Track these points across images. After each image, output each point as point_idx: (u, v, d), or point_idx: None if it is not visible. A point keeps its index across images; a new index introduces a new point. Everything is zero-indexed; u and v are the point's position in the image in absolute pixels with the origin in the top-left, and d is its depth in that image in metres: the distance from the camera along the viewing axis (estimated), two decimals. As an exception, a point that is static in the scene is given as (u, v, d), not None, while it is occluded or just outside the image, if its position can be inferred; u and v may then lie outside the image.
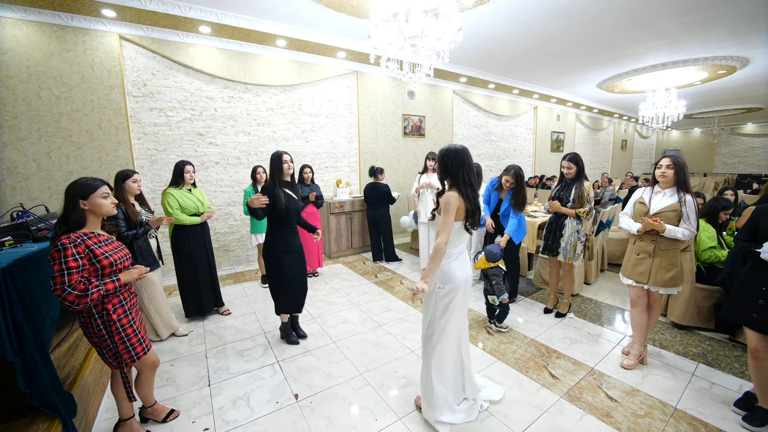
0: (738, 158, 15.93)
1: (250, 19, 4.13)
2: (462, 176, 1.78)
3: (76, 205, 1.56)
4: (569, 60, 6.22)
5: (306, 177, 4.38)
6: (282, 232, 2.63)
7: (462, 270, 1.84)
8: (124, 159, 4.01)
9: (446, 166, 1.83)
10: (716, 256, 2.90)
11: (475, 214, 1.80)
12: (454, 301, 1.83)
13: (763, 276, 1.87)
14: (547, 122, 9.96)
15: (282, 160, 2.56)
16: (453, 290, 1.82)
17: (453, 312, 1.85)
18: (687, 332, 2.97)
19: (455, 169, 1.80)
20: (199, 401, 2.18)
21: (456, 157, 1.80)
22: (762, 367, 1.89)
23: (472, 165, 1.82)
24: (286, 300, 2.75)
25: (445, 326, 1.86)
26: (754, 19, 4.45)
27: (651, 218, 2.27)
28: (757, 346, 1.90)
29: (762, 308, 1.85)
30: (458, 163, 1.79)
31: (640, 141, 15.59)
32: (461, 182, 1.79)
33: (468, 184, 1.78)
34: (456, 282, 1.81)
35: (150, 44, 4.04)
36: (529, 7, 4.04)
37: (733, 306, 2.02)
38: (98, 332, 1.62)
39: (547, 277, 3.93)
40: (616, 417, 2.00)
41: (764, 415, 1.91)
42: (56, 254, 1.47)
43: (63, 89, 3.66)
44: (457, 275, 1.82)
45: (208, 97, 4.52)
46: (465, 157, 1.80)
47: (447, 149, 1.83)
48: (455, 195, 1.76)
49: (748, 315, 1.91)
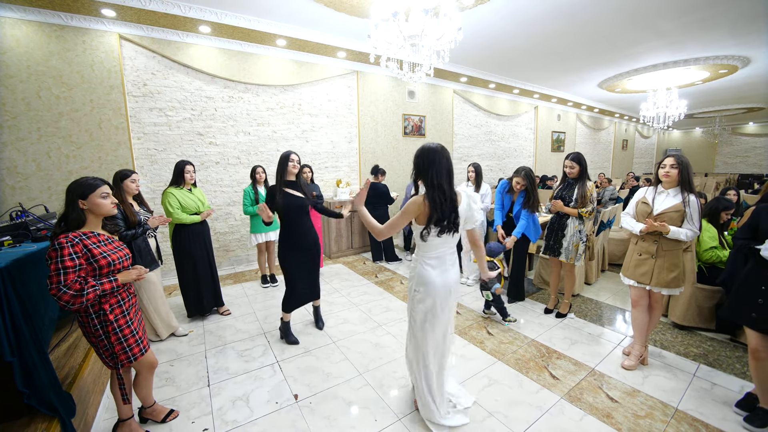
0: (739, 158, 15.89)
1: (250, 19, 4.12)
2: (430, 178, 1.64)
3: (75, 204, 1.55)
4: (570, 60, 6.21)
5: (305, 177, 4.36)
6: (288, 230, 2.68)
7: (440, 277, 1.74)
8: (124, 159, 4.01)
9: (418, 167, 1.70)
10: (717, 257, 2.89)
11: (441, 220, 1.63)
12: (435, 307, 1.75)
13: (764, 275, 1.85)
14: (547, 122, 9.94)
15: (289, 160, 2.64)
16: (429, 295, 1.74)
17: (432, 319, 1.76)
18: (688, 333, 2.96)
19: (425, 170, 1.66)
20: (198, 401, 2.17)
21: (427, 156, 1.66)
22: (762, 367, 1.88)
23: (444, 165, 1.65)
24: (289, 297, 2.78)
25: (424, 332, 1.79)
26: (755, 19, 4.43)
27: (655, 220, 2.25)
28: (757, 346, 1.89)
29: (762, 307, 1.84)
30: (429, 163, 1.65)
31: (641, 141, 15.57)
32: (428, 184, 1.65)
33: (436, 187, 1.63)
34: (431, 287, 1.73)
35: (150, 44, 4.04)
36: (529, 7, 4.04)
37: (733, 305, 2.01)
38: (95, 332, 1.62)
39: (547, 277, 3.92)
40: (617, 418, 1.99)
41: (765, 416, 1.89)
42: (53, 253, 1.47)
43: (63, 89, 3.65)
44: (434, 281, 1.73)
45: (207, 97, 4.52)
46: (436, 157, 1.64)
47: (421, 148, 1.70)
48: (419, 200, 1.66)
49: (748, 314, 1.90)
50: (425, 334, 1.80)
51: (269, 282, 4.20)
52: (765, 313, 1.83)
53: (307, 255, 2.75)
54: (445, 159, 1.66)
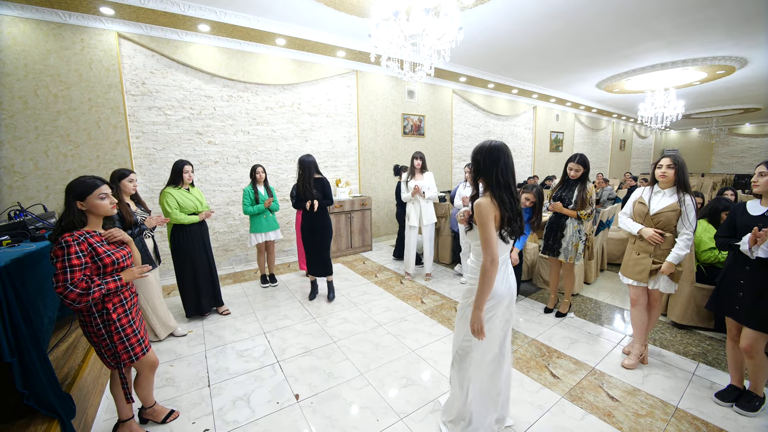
0: (736, 158, 16.01)
1: (250, 18, 4.11)
2: (496, 177, 1.54)
3: (72, 206, 1.55)
4: (568, 60, 6.22)
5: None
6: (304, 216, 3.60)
7: (502, 283, 1.62)
8: (123, 158, 3.99)
9: (478, 165, 1.59)
10: (716, 257, 2.90)
11: (513, 221, 1.54)
12: (495, 317, 1.63)
13: (743, 269, 1.96)
14: (546, 122, 9.97)
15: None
16: (494, 307, 1.61)
17: (492, 329, 1.64)
18: (687, 332, 2.98)
19: (489, 169, 1.55)
20: (198, 402, 2.16)
21: (490, 154, 1.55)
22: (738, 349, 2.07)
23: (509, 163, 1.56)
24: (310, 265, 3.70)
25: (484, 346, 1.66)
26: (752, 20, 4.45)
27: (653, 219, 2.31)
28: (737, 334, 2.06)
29: (742, 300, 1.95)
30: (492, 161, 1.54)
31: (639, 141, 15.64)
32: (494, 184, 1.54)
33: (504, 187, 1.54)
34: (496, 296, 1.61)
35: (149, 42, 4.01)
36: (528, 7, 4.04)
37: (716, 298, 2.13)
38: (97, 331, 1.61)
39: (546, 277, 3.93)
40: (618, 416, 1.99)
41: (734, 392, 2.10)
42: (59, 251, 1.46)
43: (60, 87, 3.63)
44: (498, 289, 1.61)
45: (207, 96, 4.50)
46: (500, 155, 1.55)
47: (480, 146, 1.60)
48: (487, 201, 1.52)
49: (731, 307, 2.02)
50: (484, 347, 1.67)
51: (269, 282, 4.19)
52: (745, 306, 1.94)
53: (317, 234, 3.60)
54: (510, 157, 1.58)
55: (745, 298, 1.94)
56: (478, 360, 1.69)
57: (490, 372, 1.71)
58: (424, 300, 3.71)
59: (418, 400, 2.15)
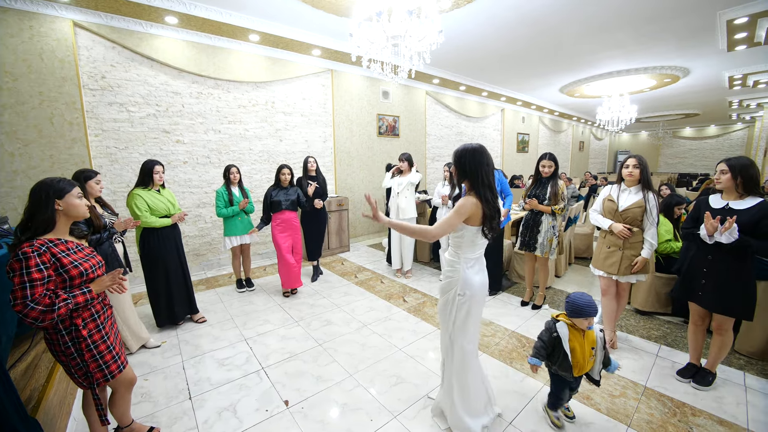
0: (678, 159, 17.66)
1: (221, 12, 3.93)
2: (481, 178, 1.66)
3: (49, 204, 1.39)
4: (536, 64, 6.55)
5: (283, 180, 3.76)
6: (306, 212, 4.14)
7: (479, 275, 1.76)
8: (80, 157, 3.67)
9: (464, 167, 1.69)
10: (672, 248, 3.18)
11: (493, 218, 1.67)
12: (473, 308, 1.75)
13: (705, 258, 2.14)
14: (513, 124, 10.41)
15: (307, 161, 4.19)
16: (471, 297, 1.74)
17: (472, 321, 1.77)
18: (649, 317, 3.24)
19: (474, 171, 1.67)
20: (180, 415, 2.04)
21: (473, 157, 1.67)
22: (701, 331, 2.32)
23: (491, 164, 1.69)
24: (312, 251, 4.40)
25: (470, 337, 1.78)
26: (697, 34, 4.93)
27: (621, 215, 2.50)
28: (698, 318, 2.29)
29: (705, 286, 2.14)
30: (477, 163, 1.66)
31: (595, 142, 16.76)
32: (480, 184, 1.66)
33: (487, 186, 1.66)
34: (473, 288, 1.73)
35: (109, 33, 3.72)
36: (502, 13, 4.20)
37: (680, 285, 2.31)
38: (66, 350, 1.45)
39: (522, 272, 4.11)
40: (595, 399, 2.13)
41: (692, 369, 2.33)
42: (17, 264, 1.30)
43: (6, 79, 3.27)
44: (475, 281, 1.74)
45: (174, 92, 4.26)
46: (483, 157, 1.67)
47: (463, 149, 1.70)
48: (473, 201, 1.64)
49: (694, 293, 2.21)
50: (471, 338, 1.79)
51: (245, 286, 4.03)
52: (707, 292, 2.13)
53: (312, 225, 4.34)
54: (491, 158, 1.71)
55: (707, 285, 2.12)
56: (468, 351, 1.79)
57: (475, 363, 1.83)
58: (406, 298, 3.75)
59: (409, 397, 2.17)
